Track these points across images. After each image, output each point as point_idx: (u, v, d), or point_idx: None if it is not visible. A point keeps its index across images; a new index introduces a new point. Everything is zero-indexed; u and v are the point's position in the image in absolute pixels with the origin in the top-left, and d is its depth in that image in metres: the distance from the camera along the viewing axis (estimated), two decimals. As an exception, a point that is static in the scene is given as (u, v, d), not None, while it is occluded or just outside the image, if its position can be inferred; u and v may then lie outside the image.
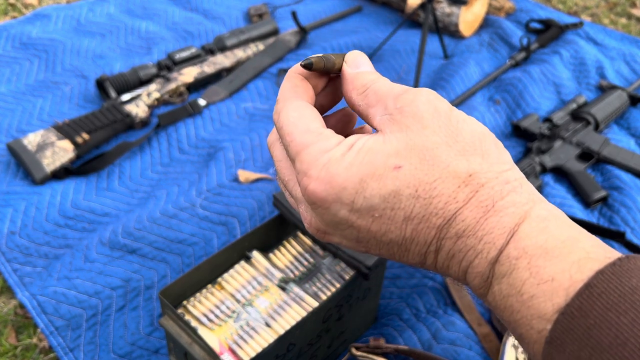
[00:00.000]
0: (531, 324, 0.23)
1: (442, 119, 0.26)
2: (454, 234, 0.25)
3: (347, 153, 0.25)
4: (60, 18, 1.26)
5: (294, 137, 0.27)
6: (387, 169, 0.25)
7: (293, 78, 0.29)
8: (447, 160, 0.25)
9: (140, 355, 0.64)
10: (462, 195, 0.24)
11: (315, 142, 0.26)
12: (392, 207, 0.25)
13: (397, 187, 0.24)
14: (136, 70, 1.03)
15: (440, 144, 0.25)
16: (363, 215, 0.25)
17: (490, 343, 0.64)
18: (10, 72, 1.10)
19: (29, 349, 0.66)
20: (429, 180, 0.24)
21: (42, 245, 0.77)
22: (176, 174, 0.90)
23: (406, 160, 0.25)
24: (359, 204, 0.25)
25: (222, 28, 1.28)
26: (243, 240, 0.59)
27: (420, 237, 0.25)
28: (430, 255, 0.26)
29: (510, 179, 0.25)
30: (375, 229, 0.26)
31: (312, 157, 0.26)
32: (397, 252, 0.26)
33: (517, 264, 0.23)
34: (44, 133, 0.89)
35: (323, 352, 0.60)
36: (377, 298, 0.65)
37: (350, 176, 0.25)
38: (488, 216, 0.24)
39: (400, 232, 0.25)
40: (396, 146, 0.25)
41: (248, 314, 0.55)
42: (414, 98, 0.26)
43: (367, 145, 0.25)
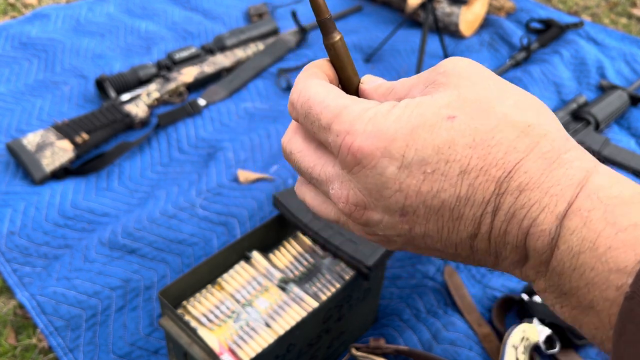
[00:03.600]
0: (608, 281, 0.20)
1: (490, 77, 0.24)
2: (516, 187, 0.22)
3: (393, 109, 0.24)
4: (59, 18, 1.26)
5: (328, 102, 0.25)
6: (440, 119, 0.23)
7: (311, 67, 0.27)
8: (503, 111, 0.23)
9: (139, 355, 0.64)
10: (522, 145, 0.22)
11: (354, 102, 0.24)
12: (446, 160, 0.23)
13: (452, 137, 0.23)
14: (136, 70, 1.03)
15: (493, 97, 0.24)
16: (413, 172, 0.23)
17: (491, 343, 0.64)
18: (9, 72, 1.10)
19: (28, 349, 0.66)
20: (486, 128, 0.23)
21: (41, 245, 0.76)
22: (176, 174, 0.90)
23: (460, 110, 0.23)
24: (409, 158, 0.23)
25: (221, 28, 1.28)
26: (243, 241, 0.59)
27: (478, 194, 0.23)
28: (486, 219, 0.23)
29: (569, 137, 0.24)
30: (425, 189, 0.23)
31: (355, 114, 0.24)
32: (447, 223, 0.24)
33: (590, 216, 0.21)
34: (43, 133, 0.89)
35: (323, 353, 0.60)
36: (377, 298, 0.65)
37: (400, 127, 0.23)
38: (553, 168, 0.22)
39: (455, 189, 0.23)
40: (448, 99, 0.23)
41: (248, 314, 0.55)
42: (455, 62, 0.25)
43: (415, 101, 0.24)
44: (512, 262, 0.24)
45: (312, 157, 0.26)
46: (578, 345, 0.64)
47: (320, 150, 0.26)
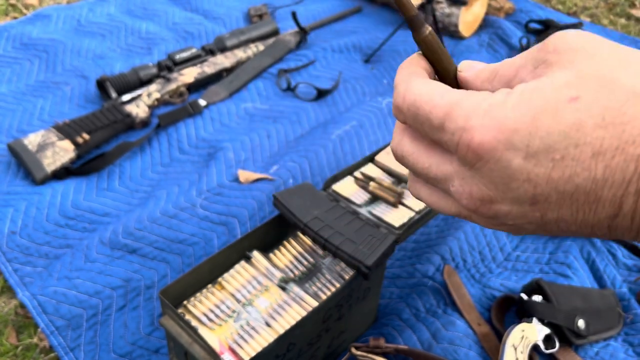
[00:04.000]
0: None
1: (606, 45, 0.22)
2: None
3: (508, 96, 0.22)
4: (60, 18, 1.26)
5: (436, 101, 0.23)
6: (562, 101, 0.21)
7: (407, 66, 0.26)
8: (630, 82, 0.21)
9: (140, 354, 0.64)
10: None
11: (464, 96, 0.23)
12: (575, 144, 0.21)
13: (579, 119, 0.21)
14: (136, 71, 1.03)
15: (614, 69, 0.21)
16: (541, 161, 0.21)
17: (490, 343, 0.64)
18: (10, 73, 1.10)
19: (29, 349, 0.66)
20: (615, 105, 0.21)
21: (42, 245, 0.77)
22: (176, 174, 0.90)
23: (582, 88, 0.21)
24: (535, 147, 0.21)
25: (222, 28, 1.28)
26: (243, 240, 0.59)
27: (617, 174, 0.21)
28: (629, 199, 0.21)
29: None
30: (557, 176, 0.21)
31: (468, 109, 0.22)
32: (582, 206, 0.22)
33: None
34: (44, 133, 0.89)
35: (323, 352, 0.60)
36: (377, 298, 0.65)
37: (520, 116, 0.21)
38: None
39: (590, 173, 0.21)
40: (566, 78, 0.22)
41: (248, 313, 0.55)
42: (563, 36, 0.23)
43: (530, 86, 0.22)
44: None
45: (426, 158, 0.25)
46: (577, 344, 0.64)
47: (433, 149, 0.25)
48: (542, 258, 0.76)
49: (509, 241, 0.79)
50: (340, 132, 0.96)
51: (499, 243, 0.78)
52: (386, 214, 0.63)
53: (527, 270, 0.74)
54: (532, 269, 0.75)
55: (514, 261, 0.76)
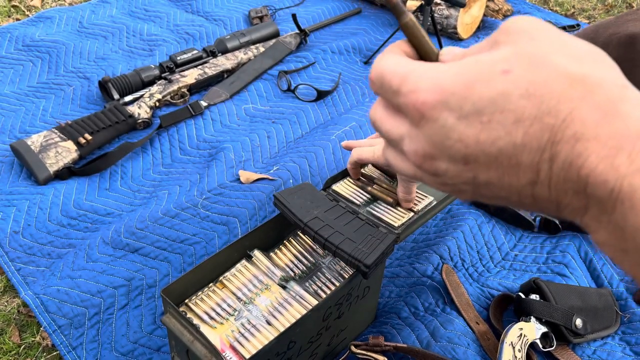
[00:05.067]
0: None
1: (551, 32, 0.25)
2: (571, 135, 0.23)
3: (453, 64, 0.26)
4: (63, 20, 1.27)
5: (397, 69, 0.27)
6: (495, 73, 0.24)
7: (389, 48, 0.30)
8: (557, 62, 0.24)
9: (142, 353, 0.65)
10: (575, 93, 0.23)
11: (420, 65, 0.27)
12: (501, 110, 0.24)
13: (506, 88, 0.24)
14: (138, 72, 1.04)
15: (550, 51, 0.24)
16: (471, 122, 0.25)
17: (488, 341, 0.64)
18: (13, 74, 1.11)
19: (32, 348, 0.67)
20: (540, 79, 0.23)
21: (45, 244, 0.77)
22: (178, 174, 0.91)
23: (515, 64, 0.24)
24: (467, 109, 0.24)
25: (223, 30, 1.29)
26: (244, 240, 0.60)
27: (533, 141, 0.23)
28: (544, 165, 0.24)
29: (628, 85, 0.24)
30: (483, 138, 0.24)
31: (420, 74, 0.26)
32: (507, 170, 0.25)
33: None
34: (47, 134, 0.90)
35: (323, 350, 0.61)
36: (376, 296, 0.65)
37: (458, 82, 0.25)
38: (610, 118, 0.22)
39: (511, 137, 0.24)
40: (504, 54, 0.25)
41: (249, 312, 0.56)
42: (515, 20, 0.26)
43: (474, 58, 0.25)
44: (573, 210, 0.24)
45: (389, 121, 0.29)
46: (574, 343, 0.65)
47: (395, 115, 0.29)
48: (539, 257, 0.77)
49: (507, 241, 0.79)
50: (340, 132, 0.96)
51: (497, 243, 0.79)
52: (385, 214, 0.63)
53: (524, 269, 0.75)
54: (529, 268, 0.75)
55: (511, 260, 0.77)
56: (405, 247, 0.78)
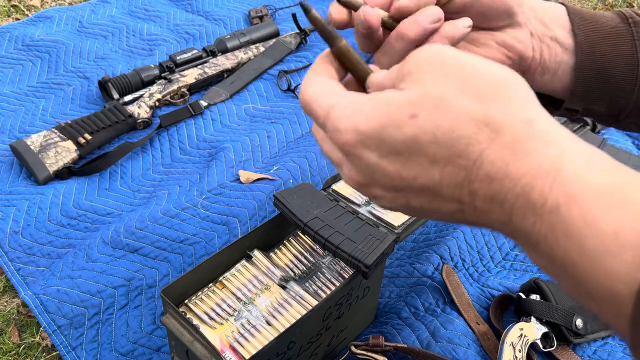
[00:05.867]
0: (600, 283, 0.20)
1: (453, 68, 0.26)
2: (485, 176, 0.24)
3: (367, 102, 0.27)
4: (62, 20, 1.27)
5: (320, 102, 0.28)
6: (404, 117, 0.25)
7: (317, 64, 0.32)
8: (462, 105, 0.25)
9: (142, 353, 0.65)
10: (483, 136, 0.24)
11: (338, 100, 0.28)
12: (415, 152, 0.25)
13: (415, 134, 0.25)
14: (138, 72, 1.04)
15: (453, 92, 0.25)
16: (392, 161, 0.26)
17: (488, 341, 0.64)
18: (13, 74, 1.11)
19: (31, 348, 0.67)
20: (446, 124, 0.24)
21: (44, 244, 0.77)
22: (178, 174, 0.90)
23: (421, 108, 0.25)
24: (384, 150, 0.26)
25: (223, 30, 1.29)
26: (244, 240, 0.60)
27: (450, 179, 0.25)
28: (465, 198, 0.25)
29: (534, 119, 0.24)
30: (405, 174, 0.26)
31: (339, 113, 0.27)
32: (434, 199, 0.26)
33: (571, 214, 0.21)
34: (46, 134, 0.90)
35: (323, 350, 0.61)
36: (376, 297, 0.65)
37: (372, 124, 0.26)
38: (518, 158, 0.23)
39: (429, 175, 0.25)
40: (410, 96, 0.26)
41: (249, 312, 0.56)
42: (421, 55, 0.27)
43: (385, 96, 0.27)
44: (506, 235, 0.26)
45: (327, 144, 0.30)
46: (575, 343, 0.65)
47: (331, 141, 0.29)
48: (540, 258, 0.76)
49: (507, 240, 0.79)
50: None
51: (497, 243, 0.79)
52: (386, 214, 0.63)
53: (525, 269, 0.75)
54: (530, 268, 0.75)
55: (512, 260, 0.77)
56: (405, 247, 0.78)
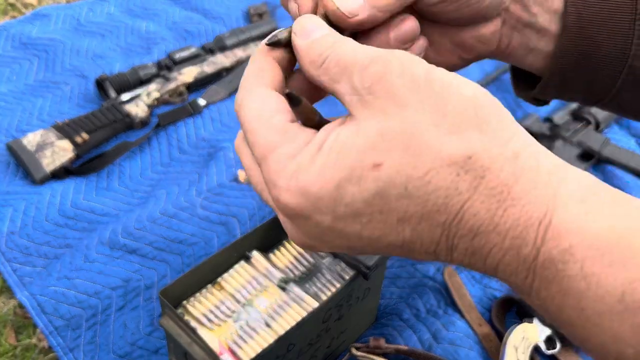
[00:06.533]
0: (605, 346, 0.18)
1: (423, 90, 0.21)
2: (468, 230, 0.20)
3: (316, 155, 0.21)
4: (60, 18, 1.26)
5: (257, 137, 0.23)
6: (365, 168, 0.20)
7: (258, 59, 0.26)
8: (437, 145, 0.20)
9: (140, 355, 0.64)
10: (464, 184, 0.20)
11: (280, 144, 0.22)
12: (380, 211, 0.21)
13: (381, 189, 0.20)
14: (136, 70, 1.03)
15: (425, 124, 0.20)
16: (349, 223, 0.22)
17: (491, 343, 0.64)
18: (10, 72, 1.10)
19: (28, 349, 0.66)
20: (419, 174, 0.20)
21: (41, 245, 0.77)
22: (176, 173, 0.90)
23: (386, 154, 0.20)
24: (341, 212, 0.21)
25: (222, 28, 1.28)
26: (243, 240, 0.59)
27: (424, 236, 0.21)
28: (442, 252, 0.22)
29: (519, 151, 0.20)
30: (367, 234, 0.22)
31: (278, 165, 0.22)
32: (400, 253, 0.23)
33: (567, 271, 0.19)
34: (43, 133, 0.89)
35: (323, 352, 0.60)
36: (377, 298, 0.65)
37: (325, 184, 0.21)
38: (506, 207, 0.20)
39: (398, 234, 0.21)
40: (372, 138, 0.21)
41: (248, 314, 0.55)
42: (383, 70, 0.21)
43: (339, 142, 0.21)
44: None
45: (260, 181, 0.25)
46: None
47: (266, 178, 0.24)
48: (543, 258, 0.76)
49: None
50: (341, 131, 0.95)
51: (500, 243, 0.78)
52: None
53: (527, 270, 0.74)
54: (532, 269, 0.74)
55: (514, 261, 0.76)
56: (406, 247, 0.78)
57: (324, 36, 0.24)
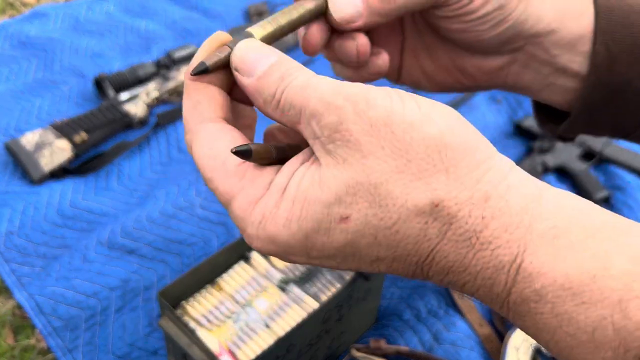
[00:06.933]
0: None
1: (383, 135, 0.20)
2: (440, 269, 0.21)
3: (281, 203, 0.21)
4: (59, 17, 1.26)
5: (216, 185, 0.22)
6: (332, 222, 0.20)
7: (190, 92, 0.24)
8: (402, 195, 0.20)
9: (139, 356, 0.64)
10: (432, 231, 0.20)
11: (239, 190, 0.22)
12: (352, 254, 0.21)
13: (350, 240, 0.21)
14: (135, 69, 1.03)
15: (389, 173, 0.20)
16: (324, 260, 0.22)
17: (492, 344, 0.63)
18: (8, 71, 1.09)
19: (27, 350, 0.66)
20: (387, 225, 0.20)
21: (40, 245, 0.76)
22: (175, 173, 0.89)
23: (352, 207, 0.20)
24: (314, 255, 0.22)
25: (221, 26, 1.27)
26: (242, 241, 0.59)
27: (400, 271, 0.22)
28: (419, 277, 0.22)
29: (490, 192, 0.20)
30: (345, 267, 0.22)
31: (243, 212, 0.22)
32: (381, 272, 0.23)
33: (539, 309, 0.19)
34: (42, 132, 0.89)
35: (323, 353, 0.60)
36: (377, 299, 0.64)
37: (293, 234, 0.21)
38: (476, 251, 0.20)
39: (374, 269, 0.22)
40: (336, 190, 0.20)
41: (247, 314, 0.55)
42: (338, 120, 0.20)
43: (302, 192, 0.21)
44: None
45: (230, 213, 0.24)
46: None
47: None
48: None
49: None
50: (341, 131, 0.95)
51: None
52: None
53: (528, 270, 0.74)
54: (534, 269, 0.74)
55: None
56: (406, 247, 0.77)
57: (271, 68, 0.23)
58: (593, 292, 0.18)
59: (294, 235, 0.21)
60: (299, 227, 0.21)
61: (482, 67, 0.33)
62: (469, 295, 0.22)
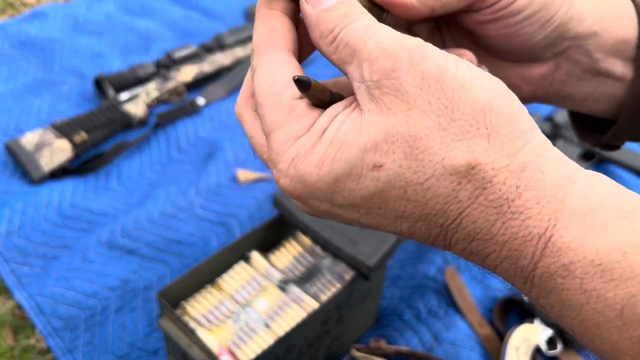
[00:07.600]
0: (604, 352, 0.18)
1: (433, 90, 0.20)
2: (466, 235, 0.20)
3: (318, 144, 0.21)
4: (58, 17, 1.25)
5: (265, 111, 0.22)
6: (366, 167, 0.20)
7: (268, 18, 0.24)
8: (441, 152, 0.20)
9: (138, 356, 0.64)
10: (464, 193, 0.20)
11: (284, 123, 0.22)
12: (378, 207, 0.21)
13: (380, 189, 0.20)
14: (135, 69, 1.03)
15: (431, 128, 0.20)
16: (347, 211, 0.22)
17: (492, 344, 0.63)
18: (8, 71, 1.09)
19: (27, 350, 0.66)
20: (419, 180, 0.20)
21: (40, 245, 0.76)
22: (175, 173, 0.89)
23: (388, 156, 0.20)
24: (339, 202, 0.22)
25: (221, 26, 1.27)
26: (242, 241, 0.59)
27: (422, 233, 0.21)
28: (440, 245, 0.22)
29: (527, 163, 0.20)
30: (365, 222, 0.22)
31: (280, 146, 0.22)
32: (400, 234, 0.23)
33: (566, 284, 0.18)
34: (42, 132, 0.89)
35: (323, 353, 0.60)
36: (377, 299, 0.64)
37: (323, 176, 0.21)
38: (505, 219, 0.19)
39: (395, 227, 0.22)
40: (375, 136, 0.20)
41: (247, 314, 0.55)
42: (391, 67, 0.20)
43: (341, 134, 0.21)
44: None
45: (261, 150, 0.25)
46: (580, 346, 0.64)
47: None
48: (544, 258, 0.75)
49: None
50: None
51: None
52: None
53: (529, 270, 0.74)
54: (534, 269, 0.74)
55: (516, 261, 0.76)
56: (407, 248, 0.77)
57: (338, 4, 0.22)
58: (623, 269, 0.17)
59: (324, 177, 0.21)
60: (330, 169, 0.21)
61: (526, 76, 0.32)
62: (489, 270, 0.22)
